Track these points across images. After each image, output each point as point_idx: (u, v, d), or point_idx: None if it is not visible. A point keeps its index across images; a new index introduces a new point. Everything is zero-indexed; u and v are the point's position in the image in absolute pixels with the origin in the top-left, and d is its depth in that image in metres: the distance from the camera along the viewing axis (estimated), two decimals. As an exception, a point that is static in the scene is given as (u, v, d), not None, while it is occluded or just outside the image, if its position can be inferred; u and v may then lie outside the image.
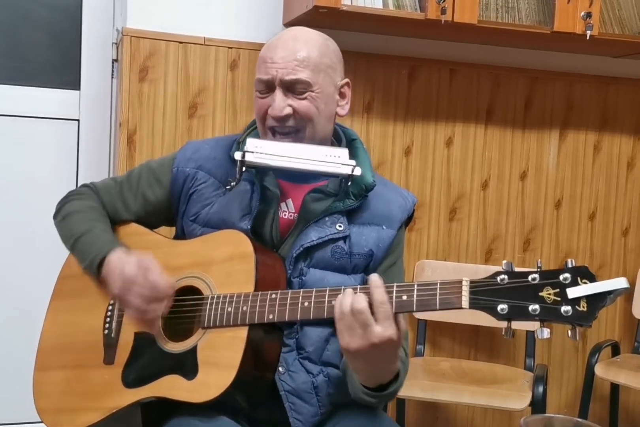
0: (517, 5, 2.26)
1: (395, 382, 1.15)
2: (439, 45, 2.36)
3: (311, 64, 1.24)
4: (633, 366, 2.32)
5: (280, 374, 1.22)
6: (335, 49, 1.31)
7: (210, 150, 1.36)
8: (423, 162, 2.41)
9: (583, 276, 0.98)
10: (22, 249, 2.29)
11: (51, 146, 2.31)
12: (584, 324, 0.97)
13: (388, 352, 1.07)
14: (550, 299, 0.98)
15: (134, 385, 1.23)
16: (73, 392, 1.30)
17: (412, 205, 1.36)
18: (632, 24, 2.37)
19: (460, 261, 2.45)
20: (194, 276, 1.26)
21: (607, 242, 2.59)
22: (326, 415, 1.26)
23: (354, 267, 1.29)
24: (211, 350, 1.18)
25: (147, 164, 1.42)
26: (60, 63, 2.33)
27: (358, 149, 1.35)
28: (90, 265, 1.27)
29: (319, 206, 1.28)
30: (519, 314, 0.99)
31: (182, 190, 1.34)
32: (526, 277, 1.00)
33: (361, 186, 1.27)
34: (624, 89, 2.55)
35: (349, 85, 1.33)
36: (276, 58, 1.25)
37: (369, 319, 1.04)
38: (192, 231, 1.32)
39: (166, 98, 2.17)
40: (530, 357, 2.36)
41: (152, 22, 2.13)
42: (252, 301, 1.16)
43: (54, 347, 1.36)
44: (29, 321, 1.45)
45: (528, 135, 2.49)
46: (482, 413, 2.52)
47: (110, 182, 1.42)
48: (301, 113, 1.25)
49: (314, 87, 1.25)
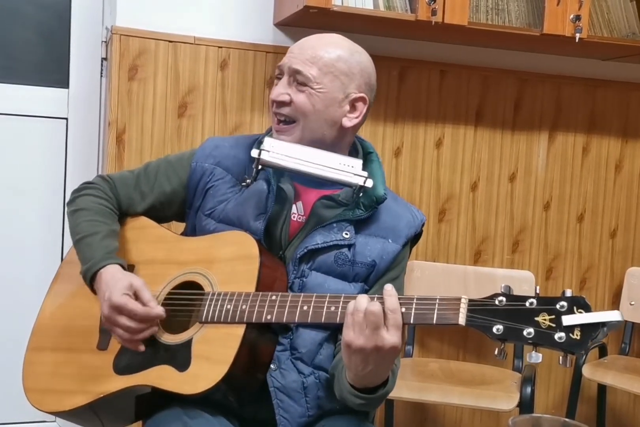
0: (507, 7, 2.27)
1: (383, 388, 1.16)
2: (429, 46, 2.37)
3: (320, 63, 1.27)
4: (620, 367, 2.34)
5: (271, 371, 1.23)
6: (361, 61, 1.31)
7: (229, 148, 1.39)
8: (413, 163, 2.41)
9: (580, 306, 0.99)
10: (11, 248, 2.27)
11: (40, 145, 2.30)
12: (575, 352, 0.98)
13: (387, 358, 1.09)
14: (545, 325, 1.00)
15: (124, 372, 1.23)
16: (62, 375, 1.30)
17: (421, 224, 1.38)
18: (620, 27, 2.39)
19: (449, 262, 2.46)
20: (196, 271, 1.27)
21: (595, 244, 2.61)
22: (313, 419, 1.26)
23: (355, 275, 1.30)
24: (206, 344, 1.19)
25: (166, 158, 1.45)
26: (49, 61, 2.32)
27: (373, 162, 1.37)
28: (85, 275, 1.29)
29: (328, 213, 1.30)
30: (513, 336, 1.01)
31: (199, 185, 1.36)
32: (524, 301, 1.02)
33: (372, 198, 1.29)
34: (612, 91, 2.56)
35: (366, 102, 1.32)
36: (295, 49, 1.31)
37: (381, 322, 1.06)
38: (206, 225, 1.33)
39: (156, 97, 2.16)
40: (519, 358, 2.37)
41: (142, 20, 2.13)
42: (252, 300, 1.17)
43: (49, 329, 1.37)
44: (22, 322, 1.45)
45: (517, 137, 2.50)
46: (471, 414, 2.52)
47: (128, 174, 1.44)
48: (296, 105, 1.28)
49: (315, 85, 1.27)
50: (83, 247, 1.32)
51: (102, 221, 1.35)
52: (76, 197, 1.42)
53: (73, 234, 1.36)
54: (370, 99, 1.33)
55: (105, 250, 1.30)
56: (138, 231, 1.39)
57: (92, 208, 1.37)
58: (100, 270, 1.27)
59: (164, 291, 1.28)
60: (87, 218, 1.36)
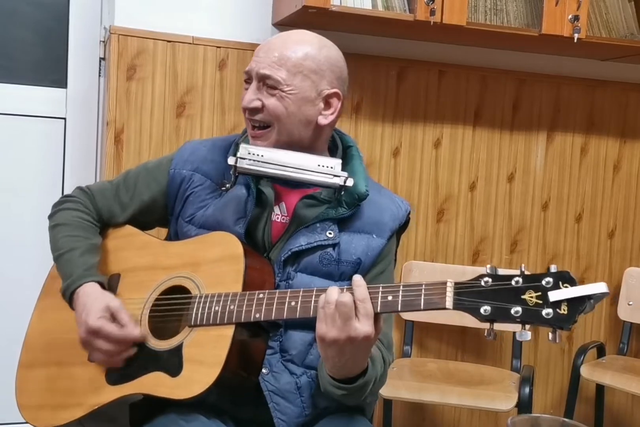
0: (506, 7, 2.27)
1: (362, 377, 1.15)
2: (428, 46, 2.36)
3: (289, 64, 1.25)
4: (618, 367, 2.34)
5: (264, 375, 1.22)
6: (329, 56, 1.29)
7: (207, 152, 1.37)
8: (411, 163, 2.41)
9: (565, 281, 0.99)
10: (8, 248, 2.27)
11: (38, 144, 2.29)
12: (564, 327, 0.98)
13: (361, 348, 1.09)
14: (532, 302, 0.99)
15: (117, 382, 1.23)
16: (55, 389, 1.30)
17: (405, 213, 1.36)
18: (619, 27, 2.39)
19: (447, 262, 2.46)
20: (183, 275, 1.26)
21: (593, 244, 2.61)
22: (312, 417, 1.26)
23: (341, 274, 1.29)
24: (197, 348, 1.18)
25: (145, 164, 1.43)
26: (47, 61, 2.31)
27: (354, 156, 1.35)
28: (64, 294, 1.29)
29: (311, 212, 1.29)
30: (501, 316, 1.00)
31: (179, 192, 1.35)
32: (509, 280, 1.01)
33: (354, 195, 1.28)
34: (610, 91, 2.56)
35: (340, 97, 1.30)
36: (261, 52, 1.28)
37: (352, 312, 1.06)
38: (187, 232, 1.33)
39: (154, 97, 2.16)
40: (517, 359, 2.37)
41: (140, 20, 2.12)
42: (240, 300, 1.17)
43: (39, 345, 1.36)
44: (20, 322, 1.45)
45: (516, 137, 2.50)
46: (469, 414, 2.52)
47: (107, 185, 1.43)
48: (268, 110, 1.26)
49: (286, 87, 1.25)
50: (63, 263, 1.33)
51: (82, 236, 1.35)
52: (56, 212, 1.41)
53: (53, 249, 1.36)
54: (343, 93, 1.31)
55: (84, 267, 1.30)
56: (123, 239, 1.38)
57: (71, 223, 1.37)
58: (78, 289, 1.26)
59: (151, 297, 1.27)
60: (66, 233, 1.35)
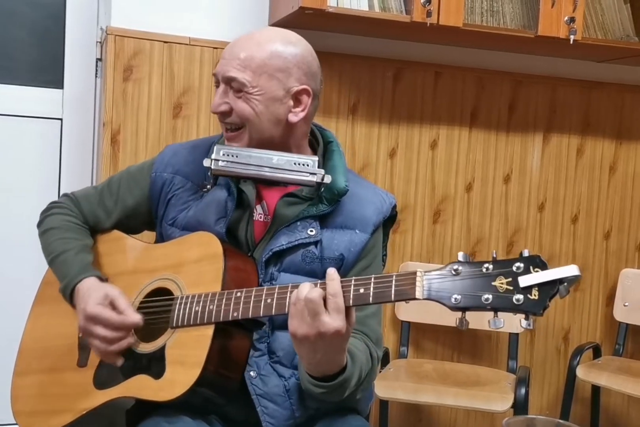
0: (502, 9, 2.27)
1: (342, 375, 1.14)
2: (424, 47, 2.37)
3: (253, 65, 1.24)
4: (614, 368, 2.34)
5: (252, 379, 1.22)
6: (296, 53, 1.26)
7: (187, 154, 1.37)
8: (407, 164, 2.41)
9: (535, 265, 0.98)
10: (5, 248, 2.26)
11: (34, 145, 2.29)
12: (536, 313, 0.96)
13: (334, 343, 1.08)
14: (502, 288, 0.98)
15: (104, 386, 1.24)
16: (48, 395, 1.31)
17: (390, 207, 1.35)
18: (614, 29, 2.39)
19: (444, 263, 2.45)
20: (165, 277, 1.27)
21: (589, 245, 2.61)
22: (304, 420, 1.25)
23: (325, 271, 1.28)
24: (179, 349, 1.19)
25: (128, 169, 1.44)
26: (44, 62, 2.31)
27: (333, 152, 1.34)
28: (64, 292, 1.30)
29: (292, 210, 1.28)
30: (472, 304, 0.99)
31: (161, 195, 1.36)
32: (480, 267, 1.01)
33: (334, 191, 1.27)
34: (606, 93, 2.57)
35: (309, 93, 1.27)
36: (226, 54, 1.27)
37: (320, 308, 1.05)
38: (171, 234, 1.33)
39: (150, 98, 2.16)
40: (513, 360, 2.38)
41: (137, 21, 2.12)
42: (219, 299, 1.17)
43: (33, 352, 1.37)
44: (19, 322, 1.45)
45: (512, 138, 2.50)
46: (465, 415, 2.53)
47: (91, 191, 1.44)
48: (237, 112, 1.26)
49: (252, 89, 1.24)
50: (58, 265, 1.33)
51: (73, 237, 1.36)
52: (44, 218, 1.42)
53: (46, 254, 1.37)
54: (314, 88, 1.29)
55: (80, 264, 1.31)
56: (109, 244, 1.39)
57: (61, 226, 1.38)
58: (77, 285, 1.27)
59: (136, 301, 1.28)
60: (58, 236, 1.36)
